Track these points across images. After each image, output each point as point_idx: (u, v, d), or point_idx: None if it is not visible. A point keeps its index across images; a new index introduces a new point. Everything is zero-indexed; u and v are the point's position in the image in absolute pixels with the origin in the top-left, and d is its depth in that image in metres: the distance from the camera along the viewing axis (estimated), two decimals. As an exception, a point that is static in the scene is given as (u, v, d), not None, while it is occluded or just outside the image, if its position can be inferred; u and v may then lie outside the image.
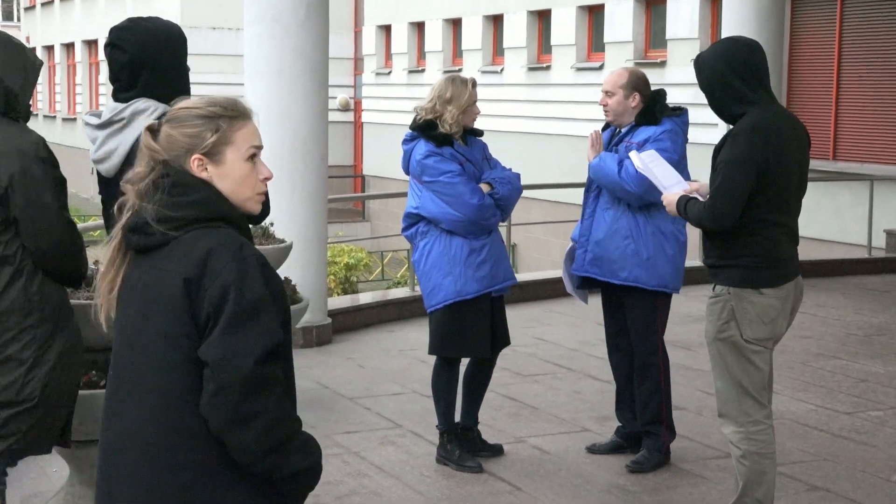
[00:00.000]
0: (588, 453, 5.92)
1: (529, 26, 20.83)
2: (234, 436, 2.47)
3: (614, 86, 5.62)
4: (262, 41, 8.18)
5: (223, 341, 2.45)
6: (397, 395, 7.09)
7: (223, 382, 2.44)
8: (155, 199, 2.57)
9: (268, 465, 2.51)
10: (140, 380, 2.57)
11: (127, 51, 3.99)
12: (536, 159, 19.31)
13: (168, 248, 2.57)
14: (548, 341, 8.72)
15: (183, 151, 2.62)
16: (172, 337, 2.52)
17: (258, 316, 2.49)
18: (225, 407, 2.45)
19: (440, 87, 5.56)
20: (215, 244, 2.53)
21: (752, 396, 4.51)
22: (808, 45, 15.28)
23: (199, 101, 2.68)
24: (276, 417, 2.48)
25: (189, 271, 2.50)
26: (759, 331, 4.48)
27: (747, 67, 4.45)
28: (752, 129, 4.39)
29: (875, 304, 10.60)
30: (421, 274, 5.67)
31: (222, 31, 26.23)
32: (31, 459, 5.68)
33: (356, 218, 26.17)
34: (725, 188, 4.39)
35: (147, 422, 2.54)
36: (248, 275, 2.50)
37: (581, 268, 5.75)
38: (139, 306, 2.60)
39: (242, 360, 2.44)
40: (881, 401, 7.10)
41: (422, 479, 5.58)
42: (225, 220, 2.60)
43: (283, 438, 2.51)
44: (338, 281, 14.95)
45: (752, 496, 4.55)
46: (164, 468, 2.52)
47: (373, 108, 26.27)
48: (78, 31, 35.14)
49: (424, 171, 5.55)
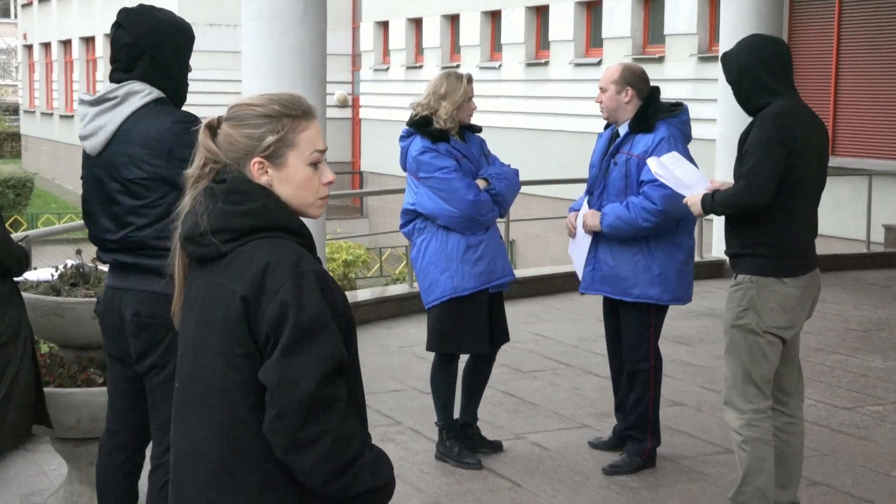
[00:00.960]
0: (590, 448, 5.91)
1: (527, 22, 20.82)
2: (296, 461, 2.38)
3: (607, 81, 5.55)
4: (260, 38, 8.16)
5: (281, 364, 2.35)
6: (396, 392, 7.08)
7: (283, 407, 2.34)
8: (210, 208, 2.45)
9: (334, 488, 2.41)
10: (202, 398, 2.49)
11: (130, 32, 3.99)
12: (535, 155, 19.30)
13: (226, 260, 2.46)
14: (547, 337, 8.72)
15: (242, 154, 2.49)
16: (232, 357, 2.42)
17: (317, 336, 2.38)
18: (285, 432, 2.36)
19: (435, 83, 5.56)
20: (273, 260, 2.41)
21: (756, 385, 4.58)
22: (806, 41, 15.28)
23: (260, 98, 2.53)
24: (339, 439, 2.39)
25: (246, 290, 2.40)
26: (778, 319, 4.56)
27: (774, 59, 4.58)
28: (780, 114, 4.50)
29: (874, 298, 10.60)
30: (418, 270, 5.66)
31: (220, 27, 26.23)
32: (30, 457, 5.69)
33: (354, 214, 26.17)
34: (760, 166, 4.44)
35: (209, 441, 2.47)
36: (305, 293, 2.38)
37: (590, 286, 5.65)
38: (199, 321, 2.50)
39: (301, 384, 2.34)
40: (881, 396, 7.09)
41: (421, 475, 5.57)
42: (284, 229, 2.47)
43: (349, 460, 2.40)
44: (336, 277, 14.95)
45: (752, 484, 4.57)
46: (227, 489, 2.45)
47: (371, 105, 26.25)
48: (75, 27, 35.10)
49: (420, 167, 5.54)
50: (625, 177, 5.47)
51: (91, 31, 33.54)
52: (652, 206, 5.35)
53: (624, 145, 5.50)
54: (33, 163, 39.13)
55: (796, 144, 4.48)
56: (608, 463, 5.66)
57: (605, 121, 5.66)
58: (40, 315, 4.62)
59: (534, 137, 20.05)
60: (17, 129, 43.64)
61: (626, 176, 5.46)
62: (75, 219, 22.49)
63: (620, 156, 5.50)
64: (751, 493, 4.59)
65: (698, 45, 16.77)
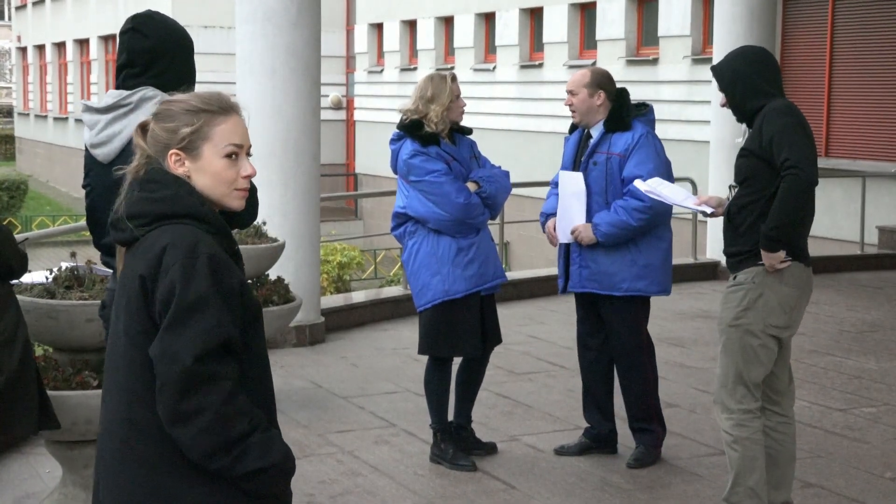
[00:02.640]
0: (556, 455, 5.86)
1: (521, 24, 20.83)
2: (176, 433, 2.49)
3: (578, 85, 5.61)
4: (254, 39, 8.17)
5: (163, 338, 2.48)
6: (391, 394, 7.08)
7: (164, 379, 2.47)
8: (128, 196, 2.63)
9: (217, 463, 2.49)
10: (113, 376, 2.65)
11: (149, 36, 4.00)
12: (529, 157, 19.31)
13: (137, 244, 2.62)
14: (541, 339, 8.72)
15: (162, 146, 2.64)
16: (133, 335, 2.57)
17: (199, 313, 2.48)
18: (165, 404, 2.47)
19: (421, 87, 5.57)
20: (170, 241, 2.54)
21: (746, 386, 4.62)
22: (799, 42, 15.30)
23: (184, 96, 2.70)
24: (221, 415, 2.46)
25: (145, 269, 2.54)
26: (779, 318, 4.60)
27: (767, 65, 4.71)
28: (787, 105, 4.60)
29: (868, 300, 10.61)
30: (410, 273, 5.67)
31: (214, 29, 26.20)
32: (24, 460, 5.68)
33: (349, 216, 26.15)
34: (795, 147, 4.47)
35: (115, 418, 2.62)
36: (194, 271, 2.50)
37: (578, 284, 5.68)
38: (117, 303, 2.66)
39: (180, 356, 2.45)
40: (874, 397, 7.11)
41: (416, 477, 5.57)
42: (193, 217, 2.60)
43: (234, 437, 2.48)
44: (330, 279, 14.94)
45: (744, 484, 4.60)
46: (130, 463, 2.58)
47: (365, 107, 26.25)
48: (69, 30, 35.05)
49: (411, 170, 5.55)
50: (605, 176, 5.55)
51: (85, 33, 33.50)
52: (640, 204, 5.43)
53: (601, 145, 5.58)
54: (27, 165, 39.07)
55: (809, 133, 4.58)
56: (615, 461, 5.66)
57: (575, 124, 5.71)
58: (35, 318, 4.61)
59: (528, 139, 20.06)
60: (12, 132, 43.58)
61: (607, 175, 5.55)
62: (70, 221, 22.47)
63: (599, 156, 5.57)
64: (743, 493, 4.61)
65: (692, 47, 16.79)
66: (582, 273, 5.66)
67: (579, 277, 5.67)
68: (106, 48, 31.99)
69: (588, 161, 5.60)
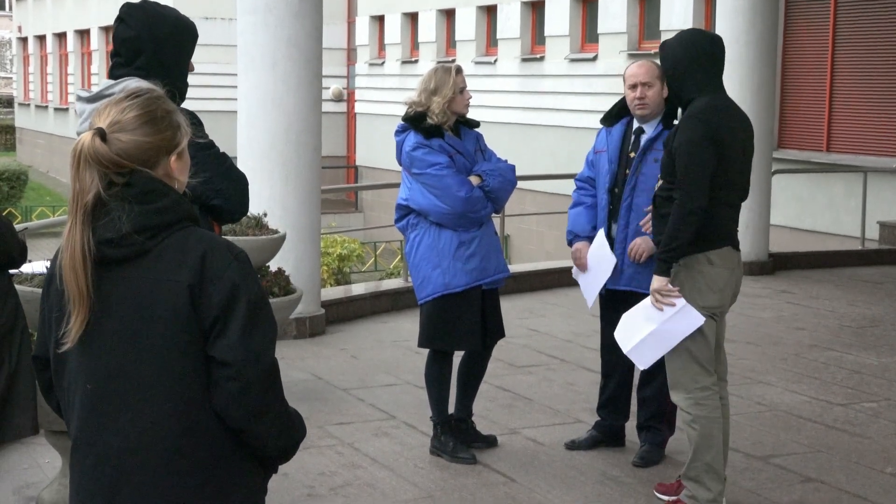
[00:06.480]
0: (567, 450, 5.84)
1: (523, 17, 20.81)
2: (257, 427, 2.53)
3: (654, 76, 5.39)
4: (255, 31, 8.15)
5: (244, 341, 2.48)
6: (391, 387, 7.08)
7: (249, 379, 2.48)
8: (127, 210, 2.48)
9: (283, 443, 2.60)
10: (137, 392, 2.50)
11: (133, 27, 3.97)
12: (530, 150, 19.30)
13: (152, 255, 2.50)
14: (541, 332, 8.72)
15: (154, 152, 2.53)
16: (183, 344, 2.49)
17: (266, 310, 2.54)
18: (252, 403, 2.50)
19: (425, 79, 5.55)
20: (207, 247, 2.51)
21: (700, 364, 4.78)
22: (802, 37, 15.27)
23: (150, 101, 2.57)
24: (283, 399, 2.58)
25: (191, 278, 2.48)
26: (708, 299, 4.75)
27: (708, 58, 4.78)
28: (706, 109, 4.69)
29: (868, 295, 10.61)
30: (411, 266, 5.66)
31: (215, 20, 26.18)
32: (23, 450, 5.68)
33: (349, 209, 26.15)
34: (690, 170, 4.62)
35: (162, 428, 2.50)
36: (249, 273, 2.54)
37: (625, 283, 5.48)
38: (127, 317, 2.50)
39: (263, 357, 2.51)
40: (875, 392, 7.10)
41: (416, 470, 5.57)
42: (191, 219, 2.57)
43: (289, 414, 2.61)
44: (331, 272, 14.93)
45: (702, 460, 4.80)
46: (186, 469, 2.51)
47: (366, 99, 26.23)
48: (70, 20, 35.03)
49: (413, 162, 5.53)
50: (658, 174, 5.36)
51: (86, 24, 33.48)
52: None
53: (657, 142, 5.37)
54: (28, 156, 39.06)
55: (724, 138, 4.67)
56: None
57: (642, 119, 5.46)
58: (34, 308, 4.59)
59: (529, 132, 20.05)
60: (12, 122, 43.57)
61: None
62: (69, 212, 22.43)
63: (657, 153, 5.30)
64: (701, 468, 4.81)
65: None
66: (625, 271, 5.46)
67: (625, 277, 5.47)
68: (107, 39, 31.97)
69: (645, 157, 5.39)
